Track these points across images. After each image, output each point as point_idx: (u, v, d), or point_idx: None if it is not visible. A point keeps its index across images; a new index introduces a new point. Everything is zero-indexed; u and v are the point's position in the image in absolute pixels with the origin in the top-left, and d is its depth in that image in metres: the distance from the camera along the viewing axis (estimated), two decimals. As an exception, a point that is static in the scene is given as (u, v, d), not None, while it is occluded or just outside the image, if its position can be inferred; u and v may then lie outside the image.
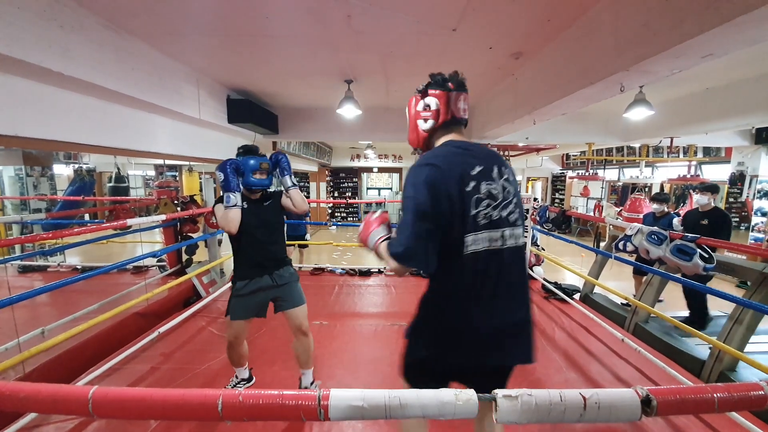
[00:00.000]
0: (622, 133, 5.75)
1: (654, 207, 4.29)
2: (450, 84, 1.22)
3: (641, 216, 5.77)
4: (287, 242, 5.70)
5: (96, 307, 3.09)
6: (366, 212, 19.24)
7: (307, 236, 6.16)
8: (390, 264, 1.13)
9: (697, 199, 3.85)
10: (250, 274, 1.99)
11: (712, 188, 3.76)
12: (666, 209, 4.28)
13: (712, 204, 3.75)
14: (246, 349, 2.17)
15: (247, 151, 1.99)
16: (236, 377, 2.23)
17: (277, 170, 2.05)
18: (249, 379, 2.26)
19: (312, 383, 2.18)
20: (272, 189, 2.14)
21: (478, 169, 1.11)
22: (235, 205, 1.86)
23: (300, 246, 5.90)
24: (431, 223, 1.07)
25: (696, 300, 3.69)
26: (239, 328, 2.04)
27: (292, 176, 2.07)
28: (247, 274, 1.99)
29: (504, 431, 1.42)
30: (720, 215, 3.69)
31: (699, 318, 3.64)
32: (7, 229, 5.76)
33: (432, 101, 1.22)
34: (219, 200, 1.95)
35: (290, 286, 2.08)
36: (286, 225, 5.71)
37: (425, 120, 1.23)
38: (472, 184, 1.09)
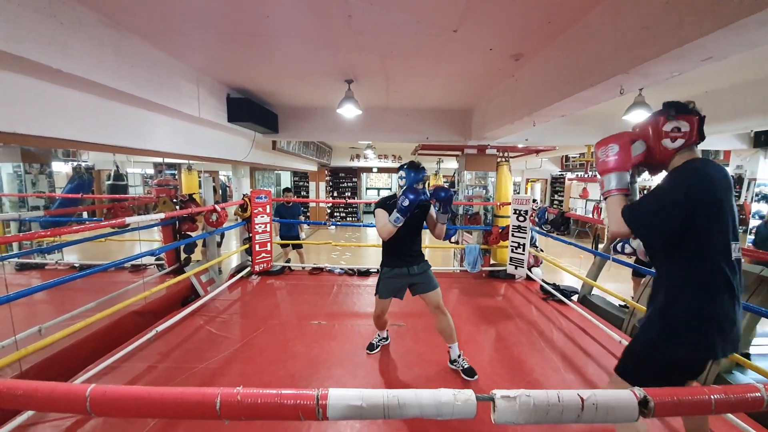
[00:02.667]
0: (621, 136, 5.75)
1: None
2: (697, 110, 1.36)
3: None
4: (281, 242, 5.75)
5: (94, 305, 3.08)
6: (365, 212, 18.81)
7: (302, 235, 6.15)
8: (612, 223, 1.36)
9: None
10: (393, 263, 2.41)
11: None
12: None
13: None
14: (387, 318, 2.71)
15: (411, 165, 2.33)
16: (378, 336, 2.82)
17: (441, 205, 2.32)
18: (386, 338, 2.86)
19: (459, 356, 2.45)
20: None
21: (727, 184, 1.28)
22: (398, 226, 2.21)
23: (294, 246, 5.89)
24: (680, 214, 1.22)
25: None
26: (384, 305, 2.52)
27: (449, 214, 2.39)
28: (390, 263, 2.41)
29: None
30: None
31: None
32: (5, 227, 5.74)
33: (684, 124, 1.33)
34: (381, 205, 2.31)
35: (425, 275, 2.42)
36: (279, 225, 5.71)
37: (673, 140, 1.34)
38: (731, 199, 1.27)
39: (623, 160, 1.41)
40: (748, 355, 2.46)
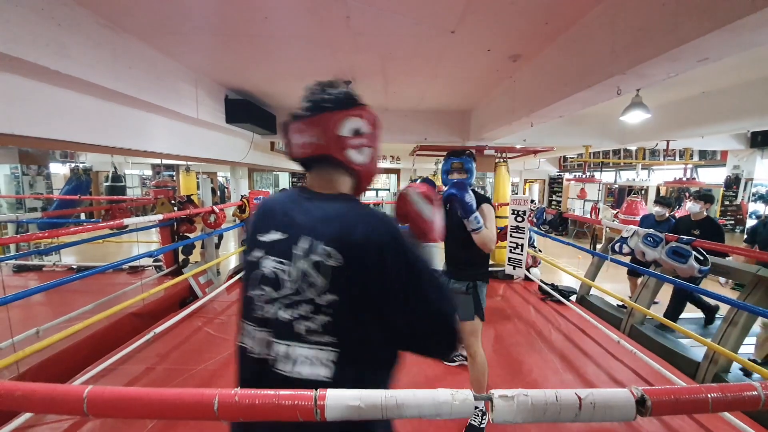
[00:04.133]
0: (618, 136, 5.78)
1: (656, 210, 4.22)
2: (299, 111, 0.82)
3: (638, 218, 5.79)
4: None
5: (91, 307, 3.07)
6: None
7: None
8: None
9: (689, 207, 3.78)
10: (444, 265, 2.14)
11: (706, 197, 3.68)
12: (667, 214, 4.23)
13: (705, 213, 3.69)
14: None
15: (449, 153, 2.01)
16: None
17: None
18: None
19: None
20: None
21: (275, 236, 0.77)
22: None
23: None
24: None
25: (700, 302, 3.75)
26: None
27: (476, 216, 1.77)
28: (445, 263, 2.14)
29: None
30: (712, 227, 3.60)
31: (708, 314, 3.74)
32: (2, 228, 5.72)
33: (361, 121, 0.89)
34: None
35: (461, 296, 2.00)
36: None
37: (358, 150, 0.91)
38: (257, 254, 0.78)
39: None
40: (755, 362, 2.47)
